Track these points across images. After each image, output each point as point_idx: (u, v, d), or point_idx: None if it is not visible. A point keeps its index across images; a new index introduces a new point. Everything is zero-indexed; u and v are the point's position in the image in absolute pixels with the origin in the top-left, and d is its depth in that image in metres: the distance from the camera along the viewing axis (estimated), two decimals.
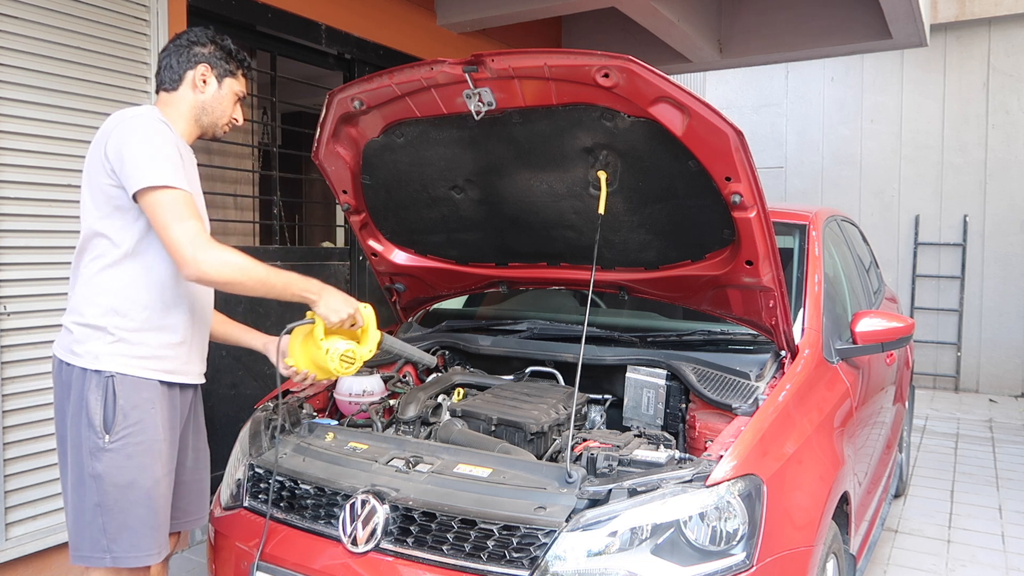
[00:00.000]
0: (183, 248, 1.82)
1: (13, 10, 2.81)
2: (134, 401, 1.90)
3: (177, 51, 2.08)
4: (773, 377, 2.33)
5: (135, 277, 1.93)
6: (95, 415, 1.86)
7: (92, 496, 1.87)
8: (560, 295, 3.26)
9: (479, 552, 1.76)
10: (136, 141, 1.85)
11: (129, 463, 1.88)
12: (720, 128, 1.93)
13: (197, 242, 1.83)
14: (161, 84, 2.09)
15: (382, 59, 4.66)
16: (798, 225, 3.00)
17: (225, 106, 2.13)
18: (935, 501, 4.46)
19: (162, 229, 1.84)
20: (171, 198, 1.83)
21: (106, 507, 1.87)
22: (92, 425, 1.86)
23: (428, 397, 2.45)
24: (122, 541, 1.88)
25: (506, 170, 2.35)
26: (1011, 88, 7.62)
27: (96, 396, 1.87)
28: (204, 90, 2.08)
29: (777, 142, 8.81)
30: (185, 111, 2.07)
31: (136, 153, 1.84)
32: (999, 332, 7.72)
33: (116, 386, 1.88)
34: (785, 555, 1.84)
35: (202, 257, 1.82)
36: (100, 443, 1.86)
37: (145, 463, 1.90)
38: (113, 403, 1.87)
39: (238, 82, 2.15)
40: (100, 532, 1.88)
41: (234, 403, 3.98)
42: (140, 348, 1.92)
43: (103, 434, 1.86)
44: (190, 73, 2.07)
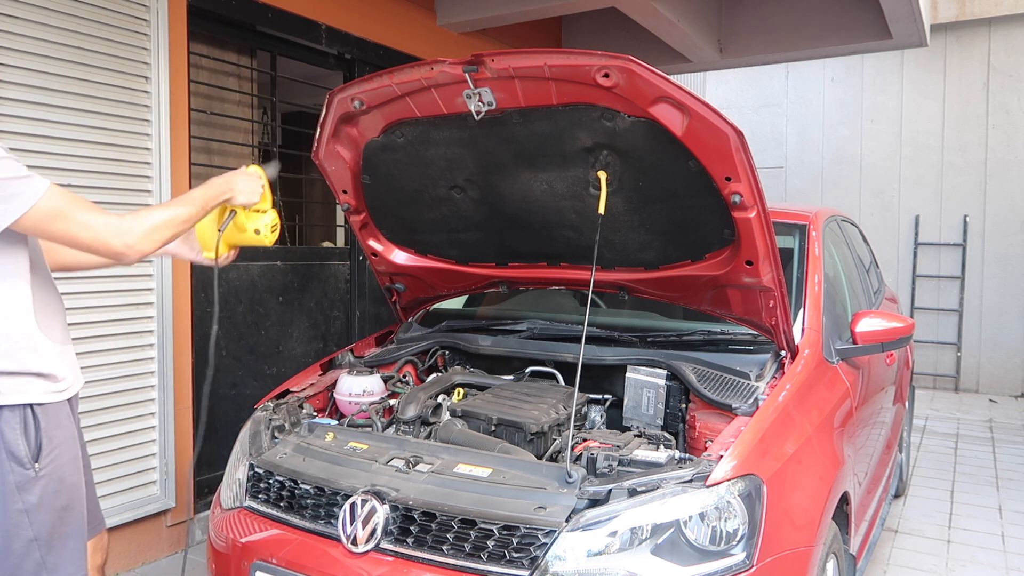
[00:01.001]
0: (109, 245, 1.68)
1: (14, 10, 2.81)
2: (55, 423, 1.76)
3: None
4: (773, 377, 2.33)
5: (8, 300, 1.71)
6: (18, 447, 1.68)
7: (25, 532, 1.70)
8: (560, 295, 3.26)
9: (479, 552, 1.76)
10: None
11: (62, 486, 1.76)
12: (720, 128, 1.93)
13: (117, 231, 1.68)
14: None
15: (382, 59, 4.66)
16: (798, 225, 3.00)
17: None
18: (935, 501, 4.46)
19: (70, 242, 1.67)
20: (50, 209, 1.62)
21: (43, 539, 1.72)
22: (16, 458, 1.68)
23: (428, 397, 2.45)
24: (63, 568, 1.76)
25: (506, 170, 2.35)
26: (1011, 88, 7.62)
27: (14, 428, 1.68)
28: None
29: (777, 142, 8.81)
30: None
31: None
32: (999, 332, 7.72)
33: (37, 413, 1.72)
34: (785, 555, 1.84)
35: (132, 240, 1.69)
36: (30, 475, 1.69)
37: (76, 481, 1.81)
38: (36, 430, 1.71)
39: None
40: (39, 567, 1.72)
41: (234, 403, 3.99)
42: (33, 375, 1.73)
43: (31, 465, 1.70)
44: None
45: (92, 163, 3.05)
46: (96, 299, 3.11)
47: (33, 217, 1.61)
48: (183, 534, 3.61)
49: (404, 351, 2.83)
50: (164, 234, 1.76)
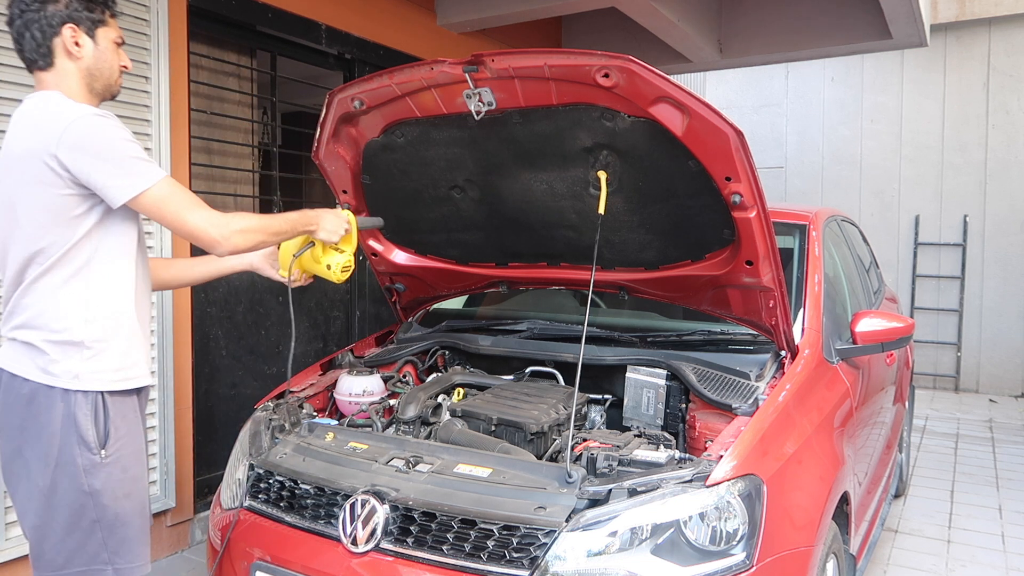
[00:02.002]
0: (208, 234, 1.79)
1: None
2: (122, 412, 1.85)
3: (31, 20, 1.81)
4: (773, 377, 2.33)
5: (106, 282, 1.83)
6: (88, 432, 1.77)
7: (89, 513, 1.79)
8: (560, 295, 3.26)
9: (479, 552, 1.76)
10: (98, 150, 1.72)
11: (125, 476, 1.83)
12: (720, 128, 1.93)
13: (217, 223, 1.80)
14: (31, 64, 1.85)
15: (382, 59, 4.66)
16: (798, 225, 3.00)
17: (111, 60, 1.89)
18: (935, 501, 4.46)
19: (175, 226, 1.80)
20: (166, 192, 1.76)
21: (105, 522, 1.80)
22: (85, 442, 1.77)
23: (428, 397, 2.45)
24: (124, 553, 1.83)
25: (506, 170, 2.35)
26: (1011, 88, 7.62)
27: (86, 413, 1.78)
28: (81, 53, 1.83)
29: (777, 142, 8.80)
30: (75, 85, 1.84)
31: (106, 163, 1.71)
32: (999, 332, 7.72)
33: (107, 400, 1.81)
34: (785, 555, 1.84)
35: (228, 232, 1.81)
36: (96, 459, 1.78)
37: (138, 473, 1.88)
38: (104, 418, 1.80)
39: (111, 27, 1.90)
40: (100, 547, 1.81)
41: (234, 403, 3.99)
42: (116, 359, 1.83)
43: (98, 450, 1.78)
44: (57, 40, 1.81)
45: None
46: None
47: (152, 195, 1.74)
48: (184, 534, 3.61)
49: (404, 351, 2.83)
50: (256, 238, 1.88)
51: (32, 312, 1.80)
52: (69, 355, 1.78)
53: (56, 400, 1.77)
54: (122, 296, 1.86)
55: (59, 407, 1.77)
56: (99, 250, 1.81)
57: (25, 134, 1.77)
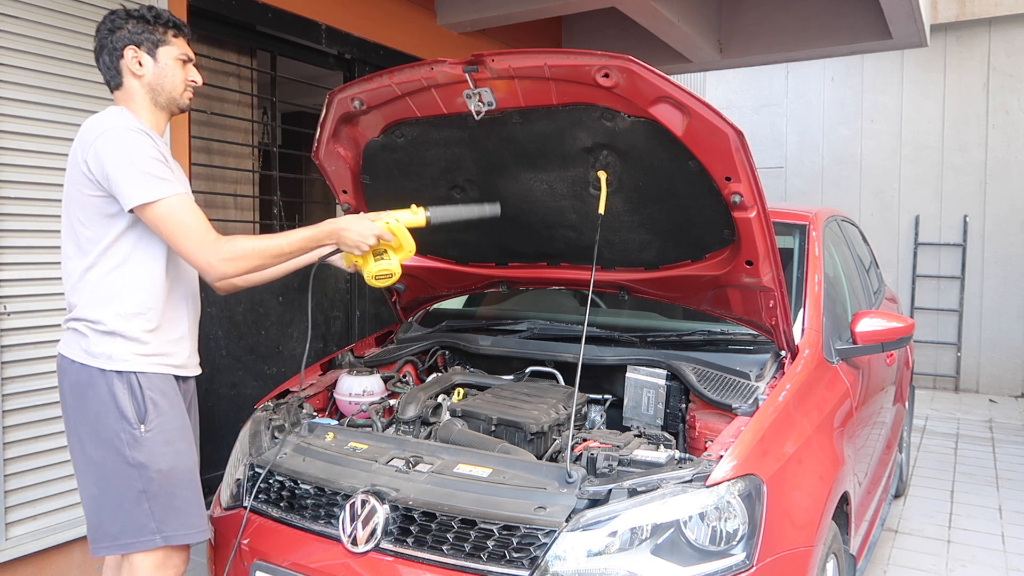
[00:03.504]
0: (197, 258, 1.91)
1: (13, 10, 2.81)
2: (160, 391, 1.99)
3: (103, 46, 2.02)
4: (773, 377, 2.33)
5: (138, 279, 1.99)
6: (127, 408, 1.93)
7: (135, 484, 1.94)
8: (560, 295, 3.26)
9: (479, 552, 1.76)
10: (117, 158, 1.87)
11: (168, 448, 1.98)
12: (720, 128, 1.93)
13: (206, 249, 1.90)
14: (108, 86, 2.06)
15: (382, 59, 4.66)
16: (798, 225, 3.00)
17: (172, 76, 2.05)
18: (935, 501, 4.46)
19: (171, 242, 1.92)
20: (167, 210, 1.89)
21: (151, 493, 1.95)
22: (126, 418, 1.93)
23: (428, 397, 2.45)
24: (171, 521, 1.97)
25: (506, 170, 2.35)
26: (1011, 88, 7.62)
27: (123, 391, 1.94)
28: (142, 72, 2.01)
29: (777, 142, 8.81)
30: (140, 101, 2.03)
31: (121, 170, 1.86)
32: (999, 332, 7.72)
33: (140, 380, 1.96)
34: (785, 555, 1.84)
35: (216, 260, 1.90)
36: (136, 433, 1.94)
37: (182, 448, 2.02)
38: (141, 395, 1.95)
39: (173, 46, 2.05)
40: (147, 516, 1.95)
41: (234, 403, 3.99)
42: (151, 347, 1.99)
43: (138, 424, 1.94)
44: (122, 63, 2.00)
45: None
46: None
47: (156, 210, 1.88)
48: None
49: (404, 351, 2.83)
50: (249, 263, 1.96)
51: (81, 303, 1.99)
52: (104, 340, 1.95)
53: (97, 378, 1.94)
54: (153, 293, 2.01)
55: (101, 385, 1.94)
56: (135, 250, 1.98)
57: (76, 141, 1.96)
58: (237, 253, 1.92)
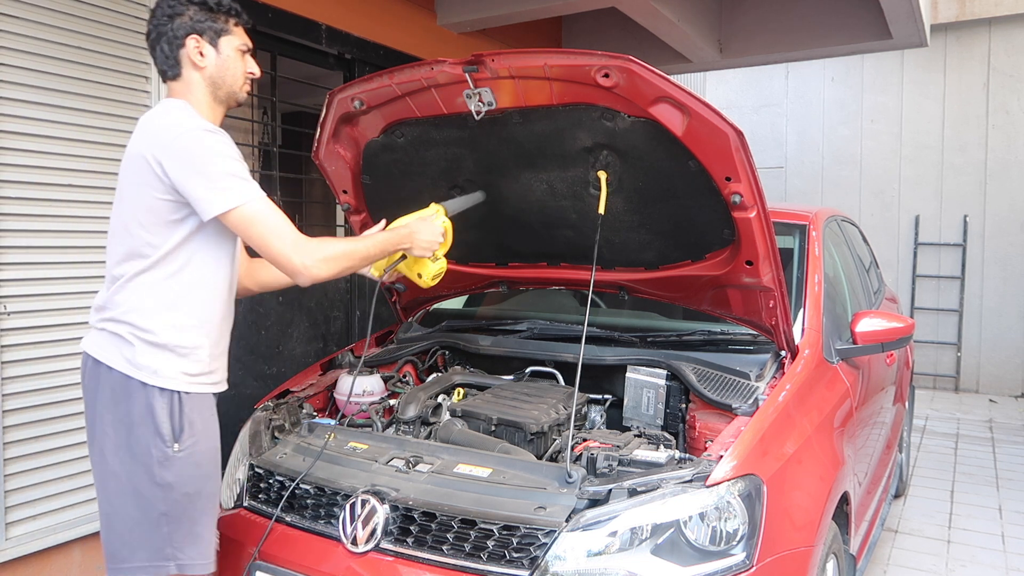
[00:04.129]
0: (291, 259, 1.81)
1: (13, 10, 2.81)
2: (199, 410, 1.90)
3: (161, 33, 1.90)
4: (773, 377, 2.33)
5: (195, 289, 1.88)
6: (163, 425, 1.82)
7: (159, 505, 1.83)
8: (560, 295, 3.26)
9: (479, 552, 1.76)
10: (199, 163, 1.77)
11: (198, 472, 1.88)
12: (720, 128, 1.93)
13: (301, 251, 1.82)
14: (163, 75, 1.93)
15: (382, 59, 4.66)
16: (798, 225, 3.00)
17: (234, 68, 1.94)
18: (935, 501, 4.46)
19: (259, 247, 1.83)
20: (253, 212, 1.79)
21: (173, 516, 1.84)
22: (160, 434, 1.82)
23: (428, 397, 2.45)
24: (188, 549, 1.87)
25: (506, 170, 2.35)
26: (1011, 88, 7.62)
27: (163, 406, 1.83)
28: (204, 63, 1.90)
29: (777, 142, 8.80)
30: (200, 95, 1.92)
31: (201, 176, 1.76)
32: (999, 332, 7.72)
33: (183, 399, 1.87)
34: (785, 555, 1.84)
35: (311, 262, 1.83)
36: (169, 452, 1.83)
37: (210, 472, 1.93)
38: (180, 414, 1.85)
39: (235, 35, 1.95)
40: (165, 541, 1.84)
41: (234, 403, 3.97)
42: (198, 364, 1.90)
43: (172, 443, 1.83)
44: (183, 52, 1.89)
45: (92, 163, 3.05)
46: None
47: (240, 214, 1.79)
48: None
49: (404, 351, 2.83)
50: (340, 264, 1.90)
51: (125, 308, 1.86)
52: (153, 353, 1.84)
53: (136, 391, 1.83)
54: (211, 306, 1.91)
55: (140, 398, 1.83)
56: (194, 259, 1.87)
57: (142, 137, 1.85)
58: (331, 254, 1.87)
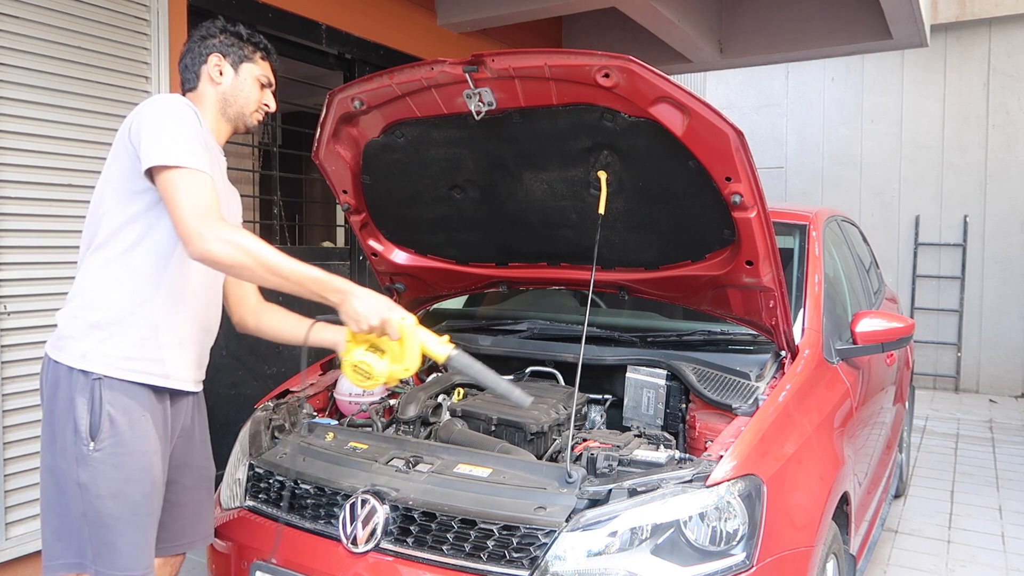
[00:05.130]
0: (188, 222, 1.67)
1: (13, 10, 2.81)
2: (123, 406, 1.76)
3: (190, 49, 2.02)
4: (773, 377, 2.32)
5: (138, 268, 1.81)
6: (81, 420, 1.73)
7: (78, 505, 1.74)
8: (560, 295, 3.26)
9: (479, 552, 1.76)
10: (158, 117, 1.77)
11: (115, 473, 1.74)
12: (720, 128, 1.93)
13: (203, 220, 1.68)
14: (184, 86, 2.04)
15: (382, 59, 4.66)
16: (798, 225, 3.00)
17: (248, 93, 2.03)
18: (935, 501, 4.46)
19: (172, 205, 1.70)
20: (181, 176, 1.71)
21: (90, 519, 1.73)
22: (78, 430, 1.73)
23: (428, 397, 2.45)
24: (106, 557, 1.74)
25: (506, 170, 2.35)
26: (1011, 88, 7.62)
27: (83, 399, 1.73)
28: (221, 80, 2.00)
29: (777, 142, 8.80)
30: (210, 107, 2.00)
31: (156, 129, 1.74)
32: (999, 332, 7.72)
33: (104, 389, 1.74)
34: (785, 555, 1.84)
35: (208, 233, 1.67)
36: (85, 450, 1.72)
37: (133, 475, 1.76)
38: (100, 408, 1.73)
39: (257, 66, 2.05)
40: (85, 544, 1.75)
41: (234, 403, 3.99)
42: (132, 349, 1.78)
43: (88, 441, 1.72)
44: (204, 67, 2.00)
45: (92, 163, 3.05)
46: None
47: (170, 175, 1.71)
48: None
49: None
50: (240, 256, 1.69)
51: (72, 293, 1.84)
52: (83, 333, 1.77)
53: (62, 378, 1.76)
54: (152, 286, 1.82)
55: (64, 386, 1.76)
56: (145, 239, 1.81)
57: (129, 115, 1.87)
58: (233, 239, 1.68)
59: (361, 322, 1.78)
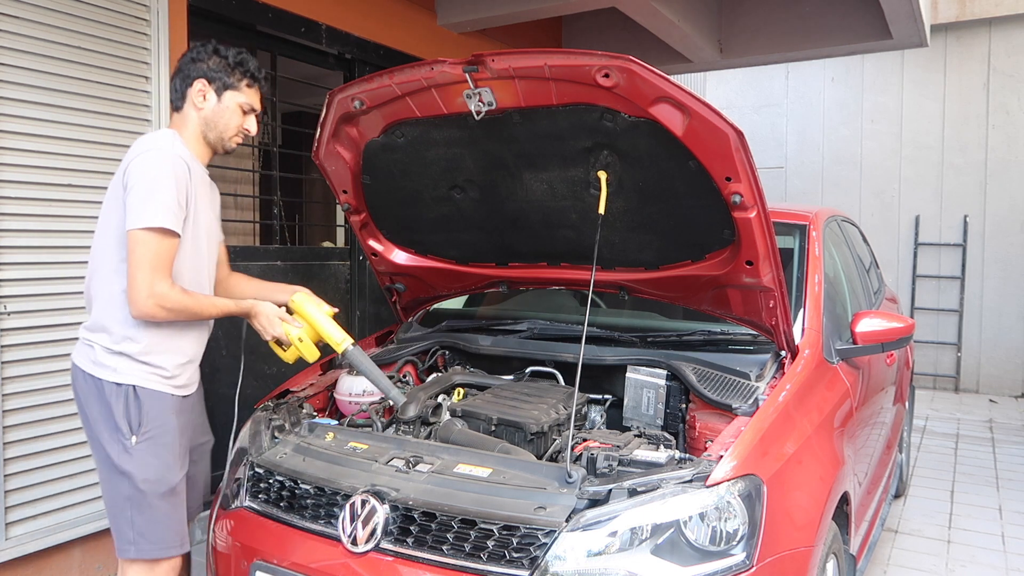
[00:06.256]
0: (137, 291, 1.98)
1: (14, 10, 2.81)
2: (156, 407, 2.08)
3: (180, 70, 2.15)
4: (773, 377, 2.33)
5: None
6: (120, 419, 2.04)
7: (124, 490, 2.05)
8: (560, 295, 3.26)
9: (479, 552, 1.76)
10: (140, 179, 1.99)
11: (155, 462, 2.06)
12: (720, 128, 1.93)
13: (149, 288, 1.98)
14: (172, 104, 2.19)
15: (382, 59, 4.66)
16: (798, 225, 3.00)
17: (228, 119, 2.17)
18: (935, 501, 4.46)
19: (129, 264, 1.99)
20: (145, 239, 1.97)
21: (135, 501, 2.04)
22: (119, 428, 2.04)
23: (428, 397, 2.45)
24: (148, 535, 2.06)
25: (506, 170, 2.36)
26: (1011, 88, 7.62)
27: (119, 402, 2.04)
28: (203, 106, 2.14)
29: (777, 142, 8.80)
30: (192, 130, 2.16)
31: (137, 192, 1.98)
32: (999, 332, 7.72)
33: (139, 394, 2.06)
34: (785, 555, 1.84)
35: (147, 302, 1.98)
36: (127, 444, 2.04)
37: (169, 462, 2.09)
38: (137, 408, 2.05)
39: (242, 93, 2.18)
40: (128, 525, 2.05)
41: (234, 403, 3.98)
42: (155, 368, 2.09)
43: (129, 435, 2.04)
44: (190, 90, 2.14)
45: (92, 163, 3.05)
46: None
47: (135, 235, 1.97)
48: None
49: (404, 351, 2.83)
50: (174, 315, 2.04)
51: (94, 318, 2.10)
52: (113, 357, 2.06)
53: (101, 388, 2.06)
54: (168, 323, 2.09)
55: (103, 394, 2.05)
56: None
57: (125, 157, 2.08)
58: (171, 305, 2.02)
59: (263, 335, 2.25)
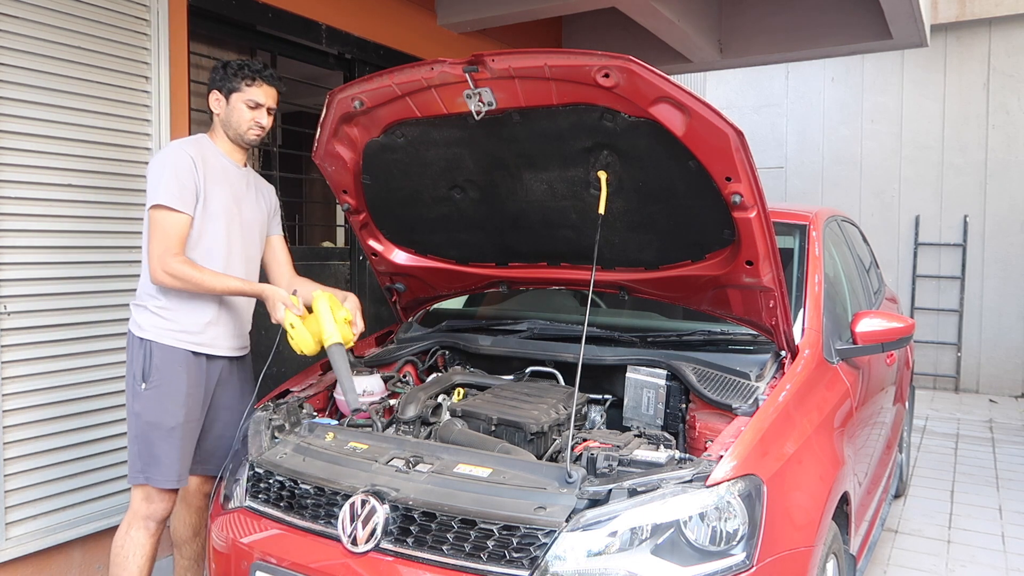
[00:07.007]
0: (151, 258, 2.43)
1: (14, 10, 2.81)
2: (166, 361, 2.47)
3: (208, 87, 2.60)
4: (773, 377, 2.33)
5: None
6: (136, 368, 2.48)
7: (133, 428, 2.50)
8: (560, 295, 3.26)
9: (479, 552, 1.76)
10: (149, 170, 2.50)
11: (157, 407, 2.46)
12: (720, 128, 1.93)
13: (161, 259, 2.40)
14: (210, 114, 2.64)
15: (382, 59, 4.66)
16: (798, 225, 3.00)
17: (238, 117, 2.56)
18: (935, 501, 4.46)
19: (146, 240, 2.48)
20: (157, 217, 2.43)
21: (141, 438, 2.48)
22: (135, 375, 2.48)
23: (428, 397, 2.45)
24: (152, 467, 2.47)
25: (506, 170, 2.36)
26: (1011, 88, 7.62)
27: (138, 354, 2.49)
28: (218, 110, 2.59)
29: (777, 142, 8.80)
30: (219, 132, 2.62)
31: (153, 175, 2.46)
32: (999, 332, 7.72)
33: (153, 348, 2.48)
34: (785, 555, 1.84)
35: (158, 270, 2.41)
36: (138, 389, 2.47)
37: (169, 408, 2.47)
38: (149, 360, 2.47)
39: (245, 92, 2.54)
40: (136, 457, 2.49)
41: None
42: (172, 324, 2.49)
43: (141, 382, 2.47)
44: (209, 102, 2.60)
45: (92, 163, 3.05)
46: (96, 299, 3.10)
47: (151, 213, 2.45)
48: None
49: (404, 351, 2.83)
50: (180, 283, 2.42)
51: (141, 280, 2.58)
52: (138, 312, 2.54)
53: (131, 342, 2.53)
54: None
55: (131, 347, 2.52)
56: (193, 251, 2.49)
57: None
58: (178, 274, 2.40)
59: (272, 315, 2.48)
